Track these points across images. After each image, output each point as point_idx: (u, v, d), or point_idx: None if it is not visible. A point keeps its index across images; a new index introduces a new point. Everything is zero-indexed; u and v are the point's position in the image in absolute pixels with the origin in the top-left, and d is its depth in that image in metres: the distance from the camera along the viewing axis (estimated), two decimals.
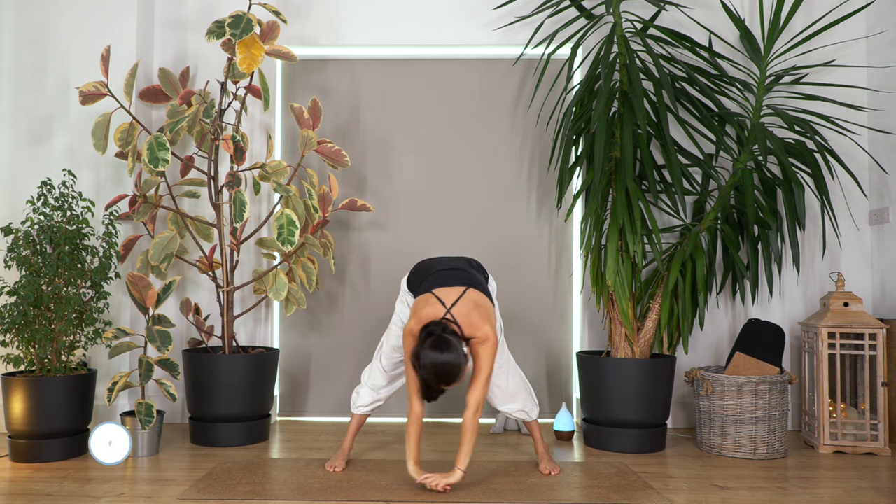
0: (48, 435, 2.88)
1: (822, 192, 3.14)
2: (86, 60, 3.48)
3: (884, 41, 3.60)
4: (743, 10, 3.70)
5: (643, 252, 3.16)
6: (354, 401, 2.87)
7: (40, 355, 2.95)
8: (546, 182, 3.83)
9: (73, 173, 3.15)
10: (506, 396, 2.79)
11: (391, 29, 3.79)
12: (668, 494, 2.50)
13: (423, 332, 2.44)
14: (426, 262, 2.78)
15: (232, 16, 3.08)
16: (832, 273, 3.53)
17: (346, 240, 3.85)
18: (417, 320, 2.49)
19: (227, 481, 2.59)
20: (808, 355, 3.29)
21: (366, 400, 2.85)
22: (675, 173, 3.08)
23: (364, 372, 2.90)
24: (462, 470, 2.47)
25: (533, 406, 2.83)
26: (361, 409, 2.86)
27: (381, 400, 2.87)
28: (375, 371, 2.85)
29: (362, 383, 2.88)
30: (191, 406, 3.23)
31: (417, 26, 3.79)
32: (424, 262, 2.79)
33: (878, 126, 3.55)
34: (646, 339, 3.22)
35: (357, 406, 2.87)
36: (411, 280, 2.77)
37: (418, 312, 2.50)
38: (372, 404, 2.86)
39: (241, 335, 3.71)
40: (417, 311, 2.51)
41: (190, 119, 3.09)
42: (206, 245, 3.55)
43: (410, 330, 2.49)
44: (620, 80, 3.29)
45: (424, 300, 2.54)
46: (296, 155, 3.82)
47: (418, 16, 3.79)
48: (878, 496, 2.51)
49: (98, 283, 3.06)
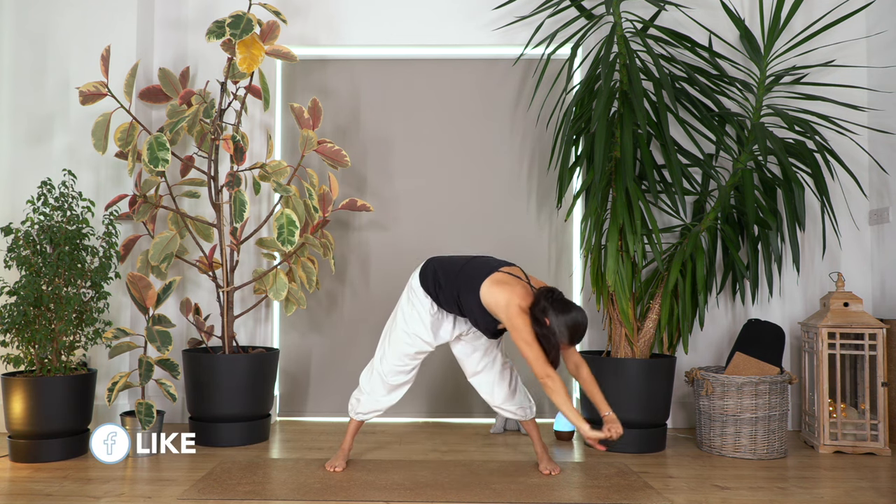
0: (48, 435, 2.88)
1: (822, 192, 3.14)
2: (86, 60, 3.48)
3: (884, 41, 3.60)
4: (743, 10, 3.70)
5: (643, 252, 3.16)
6: (354, 406, 2.82)
7: (40, 355, 2.95)
8: (546, 182, 3.83)
9: (73, 173, 3.15)
10: (506, 395, 2.79)
11: (391, 29, 3.79)
12: (668, 494, 2.50)
13: (543, 300, 2.46)
14: (443, 262, 2.70)
15: (232, 16, 3.08)
16: (832, 273, 3.53)
17: (346, 240, 3.85)
18: (517, 296, 2.48)
19: (227, 481, 2.59)
20: (808, 355, 3.29)
21: (366, 408, 2.80)
22: (675, 173, 3.07)
23: (363, 376, 2.83)
24: (612, 412, 2.53)
25: (529, 405, 2.84)
26: (360, 416, 2.82)
27: (380, 410, 2.81)
28: (376, 379, 2.77)
29: (362, 389, 2.81)
30: (191, 406, 3.23)
31: (417, 26, 3.79)
32: (439, 261, 2.72)
33: (878, 126, 3.55)
34: (646, 339, 3.22)
35: (357, 412, 2.82)
36: (430, 280, 2.67)
37: (510, 290, 2.48)
38: (371, 413, 2.81)
39: (241, 335, 3.71)
40: (506, 289, 2.49)
41: (190, 119, 3.09)
42: (206, 245, 3.55)
43: (519, 307, 2.46)
44: (620, 80, 3.29)
45: (501, 280, 2.52)
46: (296, 155, 3.82)
47: (418, 16, 3.79)
48: (878, 496, 2.51)
49: (98, 283, 3.06)
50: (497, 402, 2.81)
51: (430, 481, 2.60)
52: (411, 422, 3.74)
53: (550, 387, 2.43)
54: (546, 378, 2.42)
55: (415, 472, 2.74)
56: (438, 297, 2.65)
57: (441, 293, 2.64)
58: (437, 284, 2.65)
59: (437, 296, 2.65)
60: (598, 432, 2.41)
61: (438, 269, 2.67)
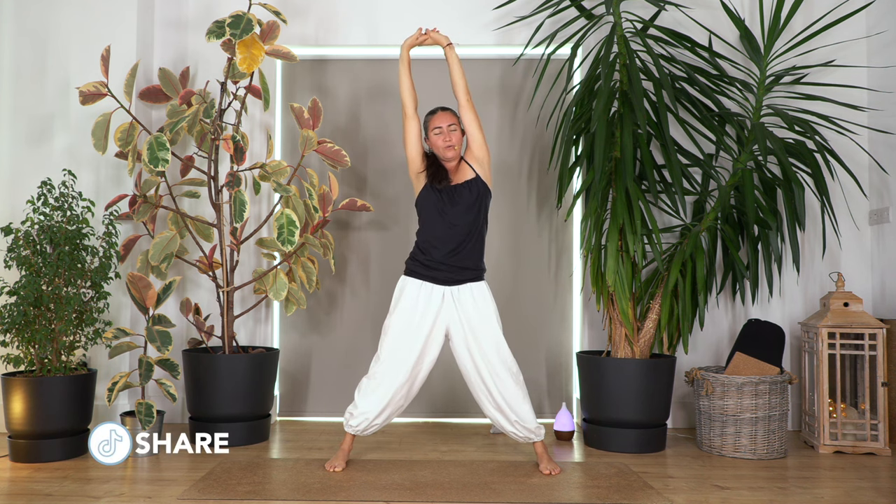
0: (48, 435, 2.88)
1: (822, 192, 3.14)
2: (86, 60, 3.48)
3: (884, 41, 3.60)
4: (743, 10, 3.70)
5: (643, 252, 3.16)
6: (347, 420, 2.79)
7: (40, 355, 2.95)
8: (546, 182, 3.83)
9: (73, 173, 3.15)
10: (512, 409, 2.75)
11: (391, 29, 3.79)
12: (668, 494, 2.50)
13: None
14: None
15: (232, 16, 3.08)
16: (832, 273, 3.53)
17: (346, 240, 3.85)
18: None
19: (227, 481, 2.59)
20: (808, 355, 3.29)
21: (358, 422, 2.76)
22: (675, 173, 3.07)
23: (358, 389, 2.78)
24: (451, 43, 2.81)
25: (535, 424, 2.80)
26: (352, 430, 2.78)
27: (377, 426, 2.79)
28: (371, 391, 2.73)
29: (356, 404, 2.77)
30: (191, 406, 3.23)
31: (417, 26, 3.78)
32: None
33: (878, 126, 3.55)
34: (646, 339, 3.22)
35: (349, 425, 2.78)
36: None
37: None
38: (367, 430, 2.79)
39: (241, 335, 3.71)
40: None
41: (190, 119, 3.09)
42: (206, 245, 3.55)
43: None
44: (620, 80, 3.29)
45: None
46: (296, 155, 3.82)
47: (418, 16, 3.78)
48: (878, 496, 2.51)
49: (98, 283, 3.06)
50: (505, 424, 2.81)
51: (430, 481, 2.60)
52: (411, 422, 3.74)
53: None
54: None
55: (415, 472, 2.74)
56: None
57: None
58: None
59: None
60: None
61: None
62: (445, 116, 2.81)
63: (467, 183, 2.77)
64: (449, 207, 2.74)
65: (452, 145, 2.77)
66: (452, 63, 2.80)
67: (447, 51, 2.81)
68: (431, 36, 2.82)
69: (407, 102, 2.78)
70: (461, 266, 2.74)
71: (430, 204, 2.76)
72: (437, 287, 2.74)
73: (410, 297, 2.73)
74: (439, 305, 2.73)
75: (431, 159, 2.83)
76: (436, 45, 2.83)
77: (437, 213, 2.75)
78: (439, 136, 2.78)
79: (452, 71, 2.80)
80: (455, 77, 2.80)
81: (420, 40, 2.82)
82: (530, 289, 3.82)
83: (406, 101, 2.78)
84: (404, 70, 2.78)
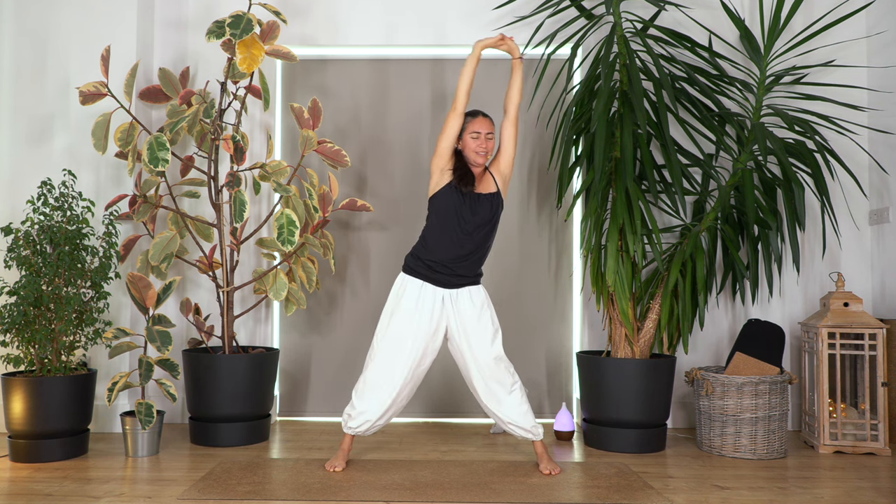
0: (48, 435, 2.88)
1: (822, 192, 3.14)
2: (86, 60, 3.48)
3: (884, 41, 3.60)
4: (743, 10, 3.70)
5: (643, 252, 3.16)
6: (346, 421, 2.80)
7: (40, 355, 2.95)
8: (546, 182, 3.83)
9: (73, 173, 3.15)
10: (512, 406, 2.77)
11: (391, 29, 3.79)
12: (668, 494, 2.50)
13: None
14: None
15: (232, 16, 3.08)
16: (832, 273, 3.53)
17: (346, 240, 3.85)
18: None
19: (227, 481, 2.59)
20: (808, 355, 3.29)
21: (358, 423, 2.77)
22: (675, 173, 3.07)
23: (356, 390, 2.79)
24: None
25: (535, 424, 2.81)
26: (352, 431, 2.79)
27: (378, 427, 2.80)
28: (372, 392, 2.75)
29: (354, 405, 2.77)
30: (191, 406, 3.23)
31: (417, 26, 3.79)
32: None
33: (878, 126, 3.55)
34: (646, 339, 3.22)
35: (348, 427, 2.79)
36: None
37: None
38: (368, 431, 2.80)
39: (241, 335, 3.71)
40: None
41: (190, 119, 3.09)
42: (206, 245, 3.55)
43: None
44: (620, 80, 3.29)
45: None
46: (296, 155, 3.82)
47: (418, 16, 3.79)
48: (878, 496, 2.51)
49: (98, 283, 3.06)
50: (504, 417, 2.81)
51: (430, 481, 2.60)
52: (411, 422, 3.74)
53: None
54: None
55: (415, 472, 2.74)
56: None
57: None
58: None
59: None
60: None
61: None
62: (486, 123, 2.79)
63: (489, 196, 2.76)
64: (469, 215, 2.73)
65: (486, 153, 2.77)
66: (518, 76, 2.81)
67: (516, 63, 2.81)
68: (508, 43, 2.80)
69: (462, 100, 2.73)
70: (462, 273, 2.75)
71: (451, 205, 2.73)
72: (437, 289, 2.74)
73: (412, 298, 2.73)
74: (440, 307, 2.74)
75: (459, 159, 2.80)
76: (509, 52, 2.82)
77: (455, 216, 2.72)
78: (475, 141, 2.76)
79: (514, 83, 2.80)
80: (514, 89, 2.80)
81: (497, 44, 2.79)
82: (530, 289, 3.82)
83: (462, 98, 2.73)
84: (472, 68, 2.75)
